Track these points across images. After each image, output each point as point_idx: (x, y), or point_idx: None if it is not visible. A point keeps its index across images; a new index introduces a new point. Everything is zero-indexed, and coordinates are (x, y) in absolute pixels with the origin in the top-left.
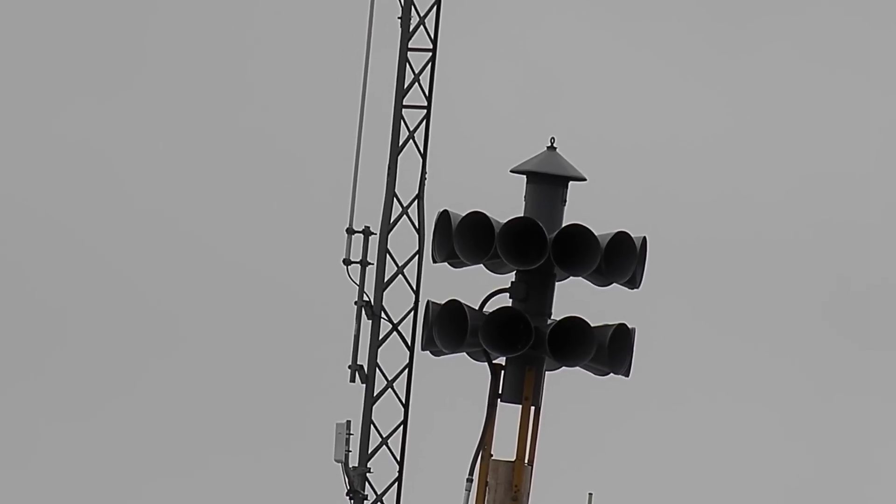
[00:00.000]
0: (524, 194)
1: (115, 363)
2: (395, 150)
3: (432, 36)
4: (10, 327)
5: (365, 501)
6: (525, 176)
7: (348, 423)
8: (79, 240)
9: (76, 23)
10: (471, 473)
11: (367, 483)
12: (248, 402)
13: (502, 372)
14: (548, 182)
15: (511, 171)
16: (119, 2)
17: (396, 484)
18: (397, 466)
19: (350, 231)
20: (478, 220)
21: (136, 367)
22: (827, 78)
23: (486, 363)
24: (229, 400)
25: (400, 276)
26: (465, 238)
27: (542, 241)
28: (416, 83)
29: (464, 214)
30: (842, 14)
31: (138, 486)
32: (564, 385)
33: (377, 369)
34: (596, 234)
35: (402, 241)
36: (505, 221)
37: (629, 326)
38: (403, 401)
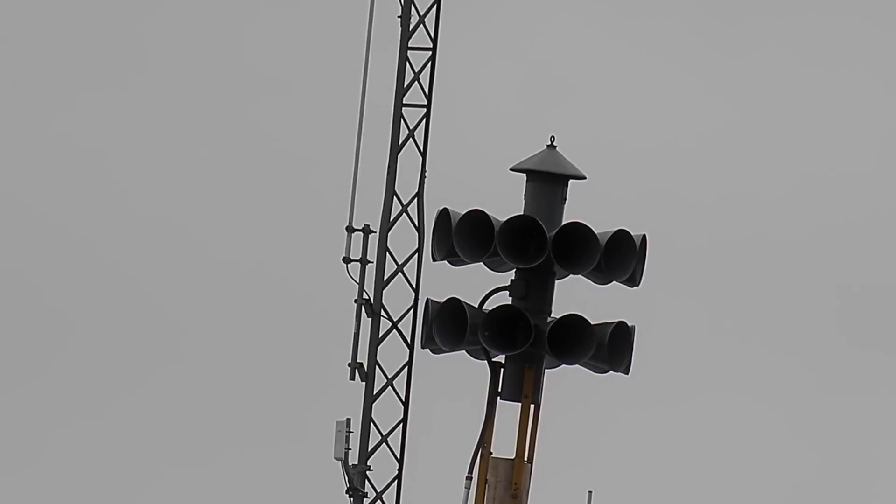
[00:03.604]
0: (524, 192)
1: (118, 362)
2: (395, 148)
3: (432, 35)
4: (15, 328)
5: (365, 499)
6: (525, 174)
7: (348, 420)
8: (81, 239)
9: (77, 22)
10: (470, 471)
11: (366, 481)
12: (249, 400)
13: (502, 370)
14: (547, 180)
15: (511, 170)
16: (120, 2)
17: (396, 482)
18: (397, 464)
19: (350, 229)
20: (477, 219)
21: (137, 366)
22: (828, 78)
23: (485, 361)
24: (229, 398)
25: (400, 274)
26: (464, 236)
27: (541, 239)
28: (416, 82)
29: (463, 213)
30: (842, 14)
31: (141, 485)
32: (564, 383)
33: (377, 367)
34: (595, 232)
35: (402, 239)
36: (504, 220)
37: (629, 324)
38: (403, 399)
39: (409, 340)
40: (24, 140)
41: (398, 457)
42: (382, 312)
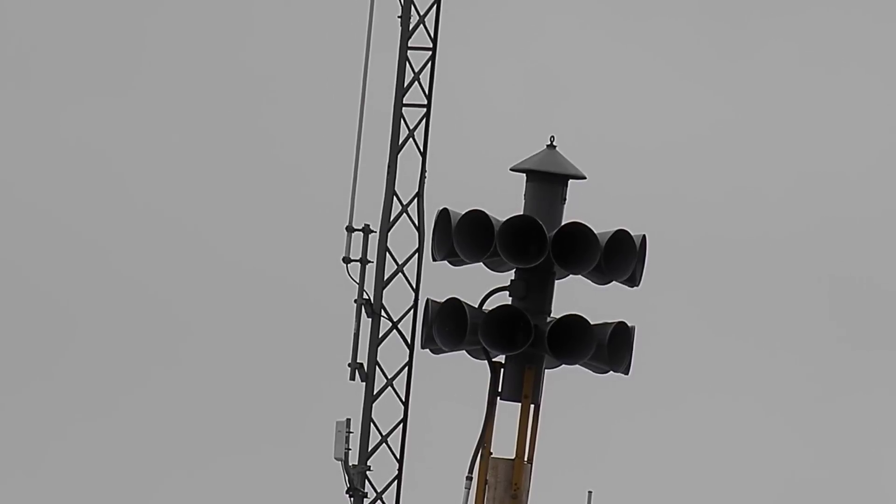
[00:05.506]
0: (524, 192)
1: (120, 362)
2: (395, 148)
3: (432, 35)
4: (20, 328)
5: (365, 499)
6: (525, 174)
7: (348, 421)
8: (84, 240)
9: (79, 24)
10: (470, 471)
11: (366, 481)
12: (249, 400)
13: (502, 370)
14: (547, 180)
15: (511, 170)
16: (120, 3)
17: (396, 482)
18: (397, 464)
19: (350, 229)
20: (477, 219)
21: (138, 366)
22: (828, 77)
23: (485, 361)
24: (230, 398)
25: (400, 274)
26: (464, 236)
27: (541, 239)
28: (416, 82)
29: (463, 213)
30: (842, 14)
31: (143, 485)
32: (564, 383)
33: (377, 367)
34: (595, 232)
35: (402, 239)
36: (504, 220)
37: (629, 324)
38: (403, 399)
39: (409, 340)
40: (27, 141)
41: (398, 457)
42: (382, 312)
